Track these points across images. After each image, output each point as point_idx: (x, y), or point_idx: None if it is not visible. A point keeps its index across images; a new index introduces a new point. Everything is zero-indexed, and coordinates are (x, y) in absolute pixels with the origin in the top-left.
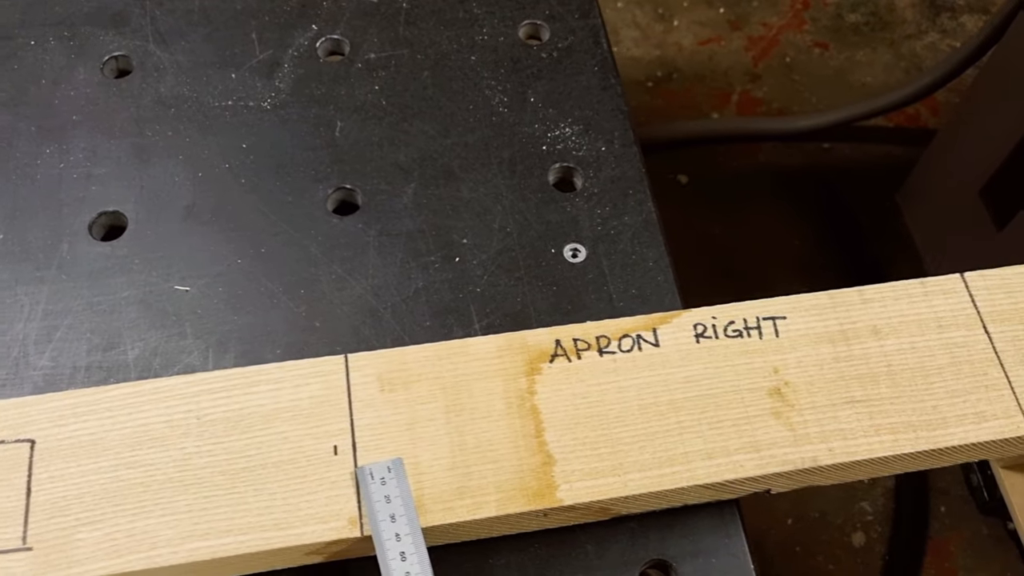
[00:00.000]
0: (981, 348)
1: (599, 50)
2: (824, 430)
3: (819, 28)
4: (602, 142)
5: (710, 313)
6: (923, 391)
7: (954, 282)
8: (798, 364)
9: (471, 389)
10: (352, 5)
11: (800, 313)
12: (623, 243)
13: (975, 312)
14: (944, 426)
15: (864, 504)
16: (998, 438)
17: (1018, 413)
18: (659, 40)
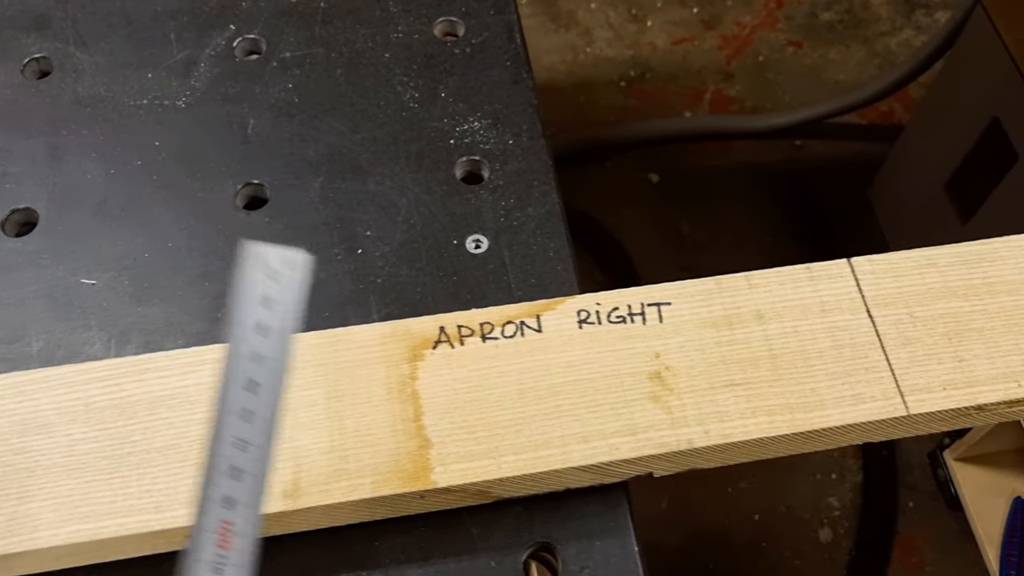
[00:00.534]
0: (864, 332)
1: (512, 45)
2: (702, 413)
3: (793, 27)
4: (510, 135)
5: (595, 300)
6: (803, 374)
7: (840, 267)
8: (680, 349)
9: (353, 375)
10: (270, 5)
11: (685, 299)
12: (525, 234)
13: (860, 296)
14: (822, 408)
15: (832, 499)
16: (875, 419)
17: (896, 395)
18: (632, 40)
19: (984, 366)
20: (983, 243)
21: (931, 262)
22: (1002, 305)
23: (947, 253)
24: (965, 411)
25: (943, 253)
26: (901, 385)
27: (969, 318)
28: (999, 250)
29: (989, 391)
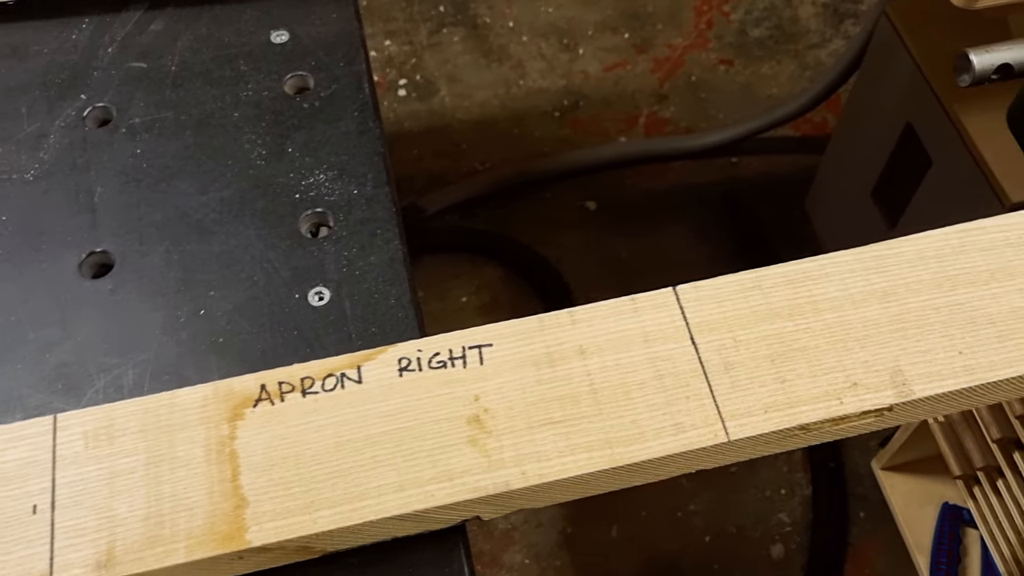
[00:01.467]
0: (687, 360)
1: (361, 95)
2: (519, 454)
3: (723, 45)
4: (355, 185)
5: (416, 346)
6: (624, 407)
7: (665, 296)
8: (499, 390)
9: (173, 439)
10: (121, 73)
11: (507, 340)
12: (367, 283)
13: (684, 324)
14: (642, 440)
15: (782, 515)
16: (696, 447)
17: (717, 421)
18: (565, 70)
19: (806, 385)
20: (810, 260)
21: (756, 284)
22: (826, 323)
23: (773, 274)
24: (789, 432)
25: (769, 274)
26: (722, 411)
27: (793, 338)
28: (825, 267)
29: (811, 410)
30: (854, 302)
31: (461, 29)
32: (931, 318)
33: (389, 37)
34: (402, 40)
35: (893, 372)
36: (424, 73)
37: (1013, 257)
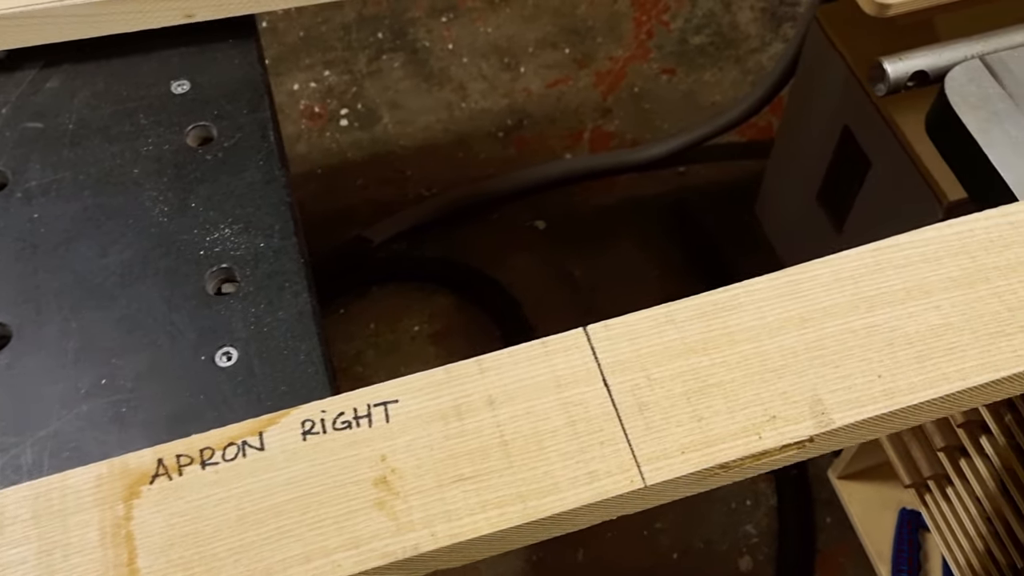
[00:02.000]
0: (599, 403)
1: (265, 143)
2: (429, 515)
3: (665, 55)
4: (261, 238)
5: (320, 407)
6: (536, 458)
7: (576, 337)
8: (407, 448)
9: (66, 524)
10: (16, 134)
11: (413, 394)
12: (275, 339)
13: (596, 365)
14: (556, 491)
15: (748, 527)
16: (612, 495)
17: (633, 467)
18: (507, 89)
19: (724, 422)
20: (723, 291)
21: (669, 318)
22: (742, 354)
23: (685, 307)
24: (709, 472)
25: (681, 307)
26: (637, 455)
27: (708, 372)
28: (738, 296)
29: (729, 448)
30: (770, 331)
31: (401, 55)
32: (849, 342)
33: (328, 67)
34: (341, 69)
35: (812, 402)
36: (365, 101)
37: (929, 273)
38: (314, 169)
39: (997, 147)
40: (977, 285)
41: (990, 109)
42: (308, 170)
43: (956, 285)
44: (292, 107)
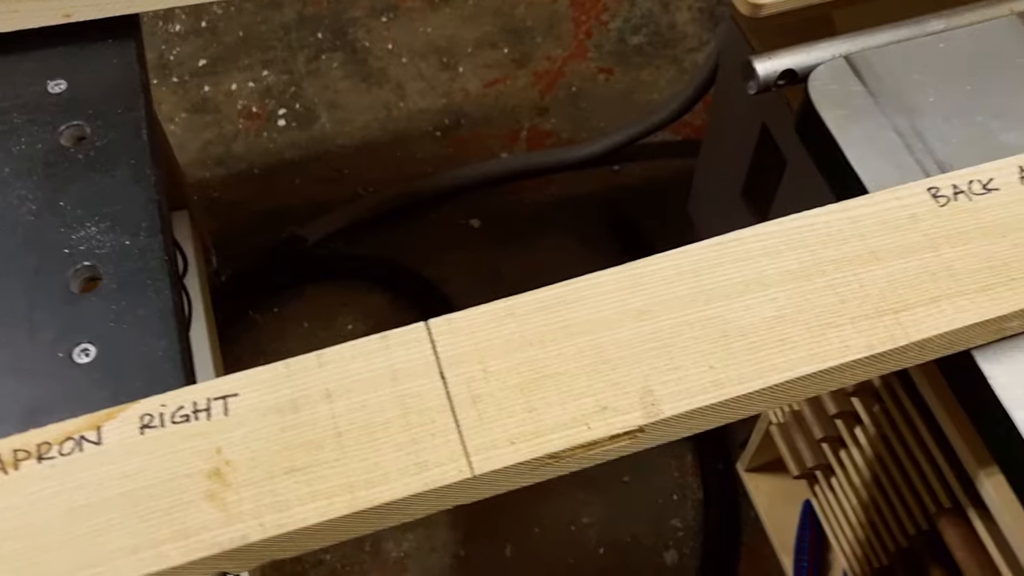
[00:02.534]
0: (435, 395)
1: (138, 143)
2: (259, 505)
3: (603, 54)
4: (127, 236)
5: (160, 401)
6: (368, 449)
7: (417, 331)
8: (242, 441)
9: None
10: None
11: (253, 388)
12: (135, 336)
13: (435, 359)
14: (385, 482)
15: (675, 521)
16: (440, 485)
17: (462, 457)
18: (445, 89)
19: (555, 413)
20: (566, 284)
21: (510, 312)
22: (579, 347)
23: (527, 301)
24: (539, 462)
25: (523, 301)
26: (467, 445)
27: (544, 365)
28: (580, 290)
29: (558, 438)
30: (608, 324)
31: (340, 55)
32: (684, 334)
33: (267, 67)
34: (280, 69)
35: (643, 392)
36: (303, 101)
37: (768, 266)
38: (251, 169)
39: (855, 145)
40: (814, 278)
41: (850, 107)
42: (245, 170)
43: (793, 278)
44: (230, 107)
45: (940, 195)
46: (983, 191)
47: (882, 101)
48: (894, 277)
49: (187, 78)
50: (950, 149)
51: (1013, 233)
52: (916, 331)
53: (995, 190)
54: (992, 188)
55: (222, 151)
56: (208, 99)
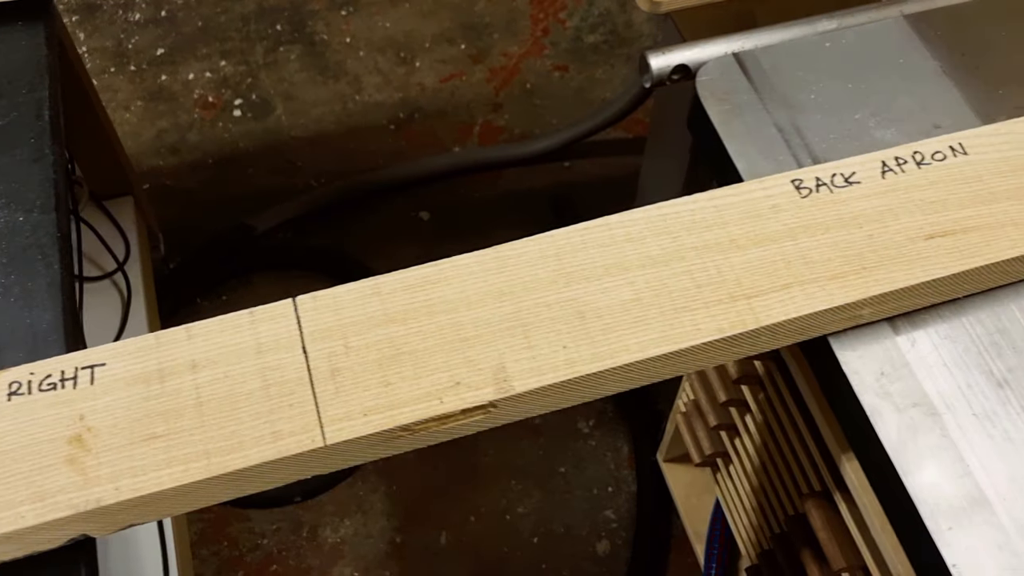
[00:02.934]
0: (295, 368)
1: (40, 122)
2: (116, 470)
3: (559, 52)
4: (21, 213)
5: (29, 369)
6: (227, 418)
7: (284, 307)
8: (106, 408)
9: None
10: None
11: (121, 358)
12: (21, 308)
13: (299, 334)
14: (240, 449)
15: (608, 512)
16: (293, 453)
17: (316, 428)
18: (401, 83)
19: (409, 387)
20: (432, 265)
21: (376, 291)
22: (439, 325)
23: (392, 280)
24: (392, 433)
25: (388, 280)
26: (323, 417)
27: (403, 341)
28: (445, 270)
29: (411, 411)
30: (469, 303)
31: (298, 47)
32: (542, 314)
33: (225, 57)
34: (238, 60)
35: (496, 369)
36: (260, 92)
37: (630, 252)
38: (205, 158)
39: (735, 138)
40: (673, 263)
41: (734, 102)
42: (199, 159)
43: (653, 263)
44: (186, 96)
45: (803, 187)
46: (845, 184)
47: (765, 97)
48: (751, 264)
49: (145, 67)
50: (826, 144)
51: (869, 224)
52: (767, 316)
53: (856, 183)
54: (854, 181)
55: (176, 139)
56: (165, 88)
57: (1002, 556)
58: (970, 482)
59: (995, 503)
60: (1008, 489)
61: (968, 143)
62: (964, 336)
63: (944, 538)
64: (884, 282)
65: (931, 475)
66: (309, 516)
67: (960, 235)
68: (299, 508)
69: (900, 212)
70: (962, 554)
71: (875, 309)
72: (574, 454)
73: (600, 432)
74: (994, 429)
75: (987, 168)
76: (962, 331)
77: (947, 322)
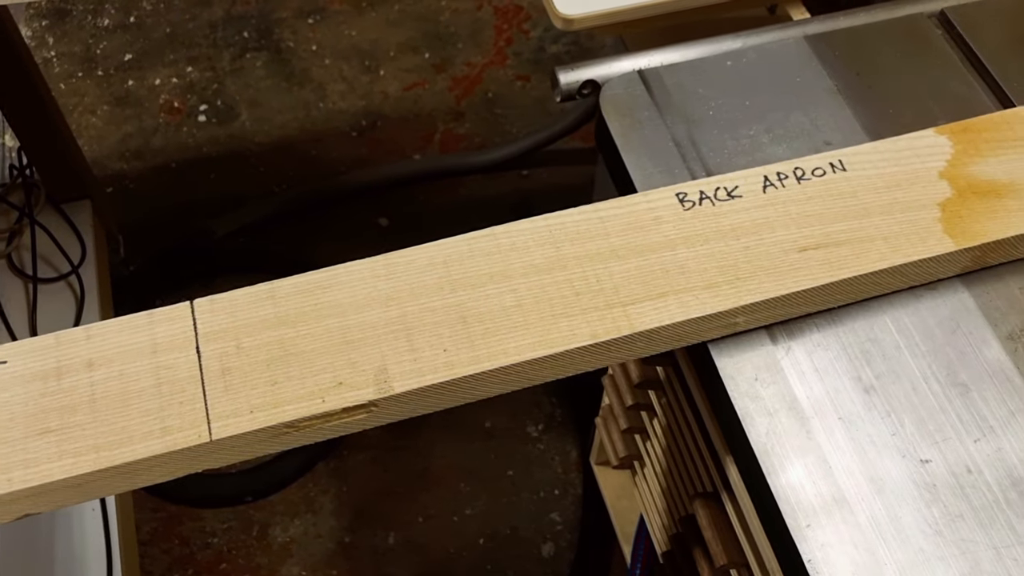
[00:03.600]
0: (188, 367)
1: None
2: (9, 462)
3: (521, 62)
4: None
5: None
6: (119, 414)
7: (182, 309)
8: (4, 404)
9: None
10: None
11: (22, 356)
12: None
13: (194, 335)
14: (129, 444)
15: (554, 515)
16: (180, 448)
17: (203, 424)
18: (365, 91)
19: (295, 387)
20: (326, 271)
21: (271, 294)
22: (327, 328)
23: (287, 284)
24: (277, 430)
25: (283, 285)
26: (211, 413)
27: (292, 343)
28: (338, 275)
29: (294, 409)
30: (357, 308)
31: (264, 54)
32: (426, 319)
33: (192, 64)
34: (204, 66)
35: (378, 371)
36: (225, 98)
37: (515, 260)
38: (168, 162)
39: (634, 152)
40: (555, 272)
41: (635, 117)
42: (163, 163)
43: (536, 271)
44: (152, 101)
45: (687, 200)
46: (727, 197)
47: (665, 112)
48: (629, 273)
49: (112, 72)
50: (721, 159)
51: (746, 236)
52: (641, 323)
53: (738, 197)
54: (736, 195)
55: (141, 144)
56: (131, 93)
57: (856, 553)
58: (831, 482)
59: (853, 503)
60: (867, 490)
61: (848, 160)
62: (836, 344)
63: (802, 534)
64: (755, 292)
65: (794, 475)
66: (260, 515)
67: (832, 248)
68: (251, 508)
69: (777, 225)
70: (817, 550)
71: (749, 318)
72: (523, 457)
73: (549, 436)
74: (857, 432)
75: (863, 184)
76: (835, 340)
77: (821, 331)
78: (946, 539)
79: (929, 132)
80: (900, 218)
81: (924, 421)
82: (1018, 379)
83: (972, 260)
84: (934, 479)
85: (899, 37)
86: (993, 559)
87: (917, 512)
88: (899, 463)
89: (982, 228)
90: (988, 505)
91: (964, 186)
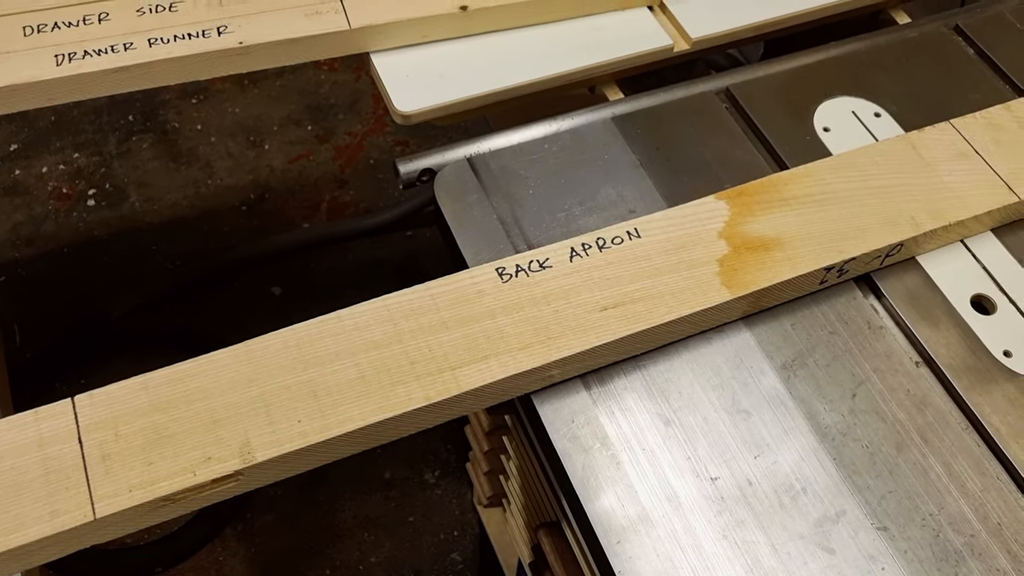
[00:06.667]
0: (72, 457)
1: None
2: None
3: (400, 128)
4: None
5: None
6: (12, 503)
7: (64, 406)
8: None
9: None
10: None
11: None
12: None
13: (75, 427)
14: (22, 528)
15: (455, 555)
16: (69, 527)
17: (88, 505)
18: (252, 165)
19: (168, 465)
20: (192, 362)
21: (144, 386)
22: (196, 411)
23: (159, 375)
24: (154, 504)
25: (156, 376)
26: (94, 495)
27: (165, 427)
28: (203, 365)
29: (168, 484)
30: (222, 391)
31: (150, 136)
32: (283, 395)
33: (78, 149)
34: (91, 151)
35: (242, 444)
36: (114, 181)
37: (358, 339)
38: (60, 248)
39: (464, 231)
40: (392, 346)
41: (466, 200)
42: (54, 249)
43: (376, 346)
44: (40, 189)
45: (505, 273)
46: (539, 268)
47: (491, 194)
48: (456, 342)
49: None
50: (540, 233)
51: (556, 301)
52: (467, 383)
53: (549, 267)
54: (547, 266)
55: (32, 231)
56: (19, 182)
57: (658, 562)
58: (637, 505)
59: (656, 520)
60: (667, 507)
61: (642, 227)
62: (641, 385)
63: (613, 550)
64: (564, 348)
65: (607, 501)
66: None
67: (628, 305)
68: None
69: (582, 289)
70: (626, 562)
71: (562, 370)
72: (423, 503)
73: (446, 481)
74: (659, 460)
75: (655, 248)
76: (640, 382)
77: (627, 376)
78: (731, 542)
79: (710, 198)
80: (685, 275)
81: (714, 444)
82: (790, 402)
83: (749, 305)
84: (722, 493)
85: (692, 112)
86: (770, 554)
87: (708, 522)
88: (693, 482)
89: (753, 278)
90: (766, 510)
91: (739, 243)
